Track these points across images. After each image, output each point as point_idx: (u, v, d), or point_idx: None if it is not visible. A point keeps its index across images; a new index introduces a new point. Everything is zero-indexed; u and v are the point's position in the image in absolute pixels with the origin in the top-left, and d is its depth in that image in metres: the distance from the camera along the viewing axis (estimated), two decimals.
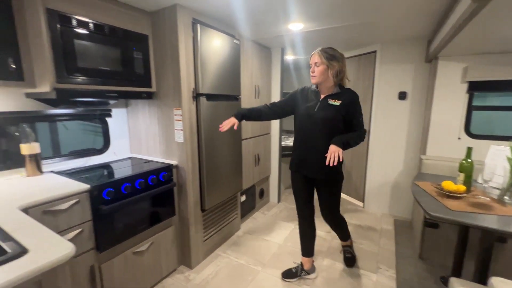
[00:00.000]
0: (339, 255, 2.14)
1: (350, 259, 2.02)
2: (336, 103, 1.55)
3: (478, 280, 1.31)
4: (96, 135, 2.00)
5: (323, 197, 1.75)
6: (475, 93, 2.19)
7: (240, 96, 2.32)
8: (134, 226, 1.58)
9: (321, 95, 1.61)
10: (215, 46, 1.92)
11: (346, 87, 1.61)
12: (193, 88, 1.81)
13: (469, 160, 1.58)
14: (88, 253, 1.35)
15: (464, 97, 2.20)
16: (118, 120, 2.06)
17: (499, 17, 1.28)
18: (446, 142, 2.29)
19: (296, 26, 2.12)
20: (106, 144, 2.02)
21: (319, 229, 2.51)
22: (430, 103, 2.35)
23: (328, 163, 1.46)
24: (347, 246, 2.08)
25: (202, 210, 1.99)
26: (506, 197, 1.42)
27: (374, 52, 2.78)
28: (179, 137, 1.81)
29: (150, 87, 1.81)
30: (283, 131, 3.49)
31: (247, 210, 2.77)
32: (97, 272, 1.40)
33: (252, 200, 2.87)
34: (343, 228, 1.97)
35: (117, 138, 2.07)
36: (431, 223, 1.98)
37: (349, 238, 2.06)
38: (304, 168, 1.69)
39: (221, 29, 1.99)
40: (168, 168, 1.78)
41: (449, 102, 2.25)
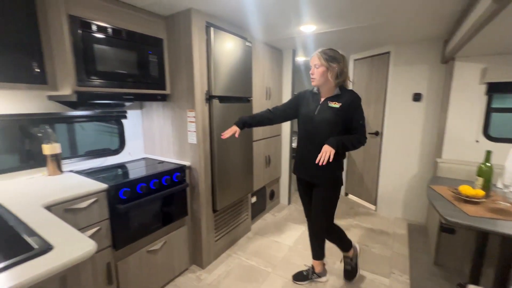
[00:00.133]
0: None
1: (349, 273, 1.87)
2: (336, 105, 1.50)
3: None
4: (112, 136, 2.07)
5: (315, 201, 1.66)
6: (495, 95, 2.12)
7: (251, 98, 2.34)
8: (148, 225, 1.62)
9: (322, 98, 1.58)
10: (228, 48, 1.95)
11: (349, 89, 1.56)
12: (206, 91, 1.84)
13: (488, 164, 1.54)
14: (105, 251, 1.39)
15: (483, 98, 2.13)
16: (133, 121, 2.12)
17: None
18: (463, 145, 2.23)
19: (308, 28, 2.12)
20: (121, 145, 2.08)
21: None
22: (446, 104, 2.29)
23: (318, 161, 1.42)
24: (347, 258, 1.87)
25: (214, 210, 2.01)
26: None
27: (388, 53, 2.74)
28: (192, 139, 1.84)
29: (165, 89, 1.86)
30: (294, 133, 3.48)
31: (257, 211, 2.78)
32: (113, 269, 1.44)
33: (263, 202, 2.88)
34: (340, 238, 1.80)
35: (132, 139, 2.12)
36: (447, 228, 1.92)
37: (350, 248, 1.86)
38: (303, 172, 1.68)
39: (233, 32, 2.01)
40: (181, 169, 1.81)
41: (467, 103, 2.19)
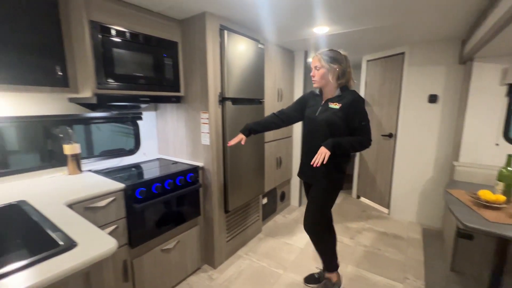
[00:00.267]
0: (362, 262, 2.08)
1: None
2: (336, 106, 1.47)
3: None
4: (127, 137, 2.13)
5: (309, 199, 1.64)
6: None
7: (263, 100, 2.35)
8: (162, 225, 1.65)
9: (324, 99, 1.57)
10: (241, 51, 1.96)
11: (351, 89, 1.53)
12: (220, 92, 1.86)
13: (509, 169, 1.48)
14: (122, 248, 1.44)
15: (503, 100, 2.06)
16: (148, 122, 2.17)
17: None
18: (481, 148, 2.15)
19: (321, 30, 2.11)
20: (136, 145, 2.13)
21: (342, 235, 2.47)
22: (464, 106, 2.23)
23: (312, 163, 1.41)
24: (328, 282, 1.71)
25: (226, 211, 2.03)
26: None
27: (402, 53, 2.69)
28: (205, 140, 1.87)
29: (179, 91, 1.89)
30: None
31: (268, 212, 2.78)
32: (129, 266, 1.48)
33: (274, 203, 2.88)
34: (327, 252, 1.68)
35: (146, 139, 2.18)
36: (465, 234, 1.87)
37: (334, 272, 1.72)
38: (303, 174, 1.68)
39: (246, 34, 2.03)
40: (195, 170, 1.84)
41: (486, 105, 2.12)
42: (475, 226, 1.20)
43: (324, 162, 1.40)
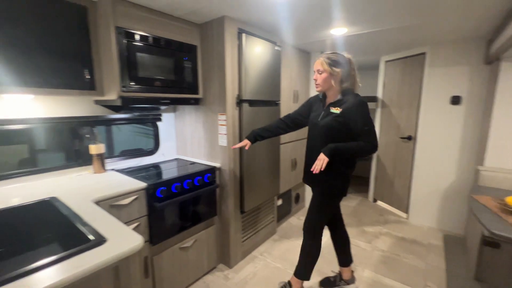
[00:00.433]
0: (380, 267, 2.04)
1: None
2: (337, 111, 1.44)
3: None
4: (147, 137, 2.20)
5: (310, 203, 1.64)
6: None
7: (279, 101, 2.36)
8: (181, 223, 1.69)
9: (326, 103, 1.54)
10: (258, 53, 1.99)
11: (354, 93, 1.47)
12: (237, 94, 1.89)
13: None
14: (143, 245, 1.48)
15: None
16: (167, 124, 2.23)
17: None
18: (509, 152, 2.05)
19: (339, 31, 2.09)
20: (156, 146, 2.20)
21: (358, 239, 2.43)
22: (490, 108, 2.13)
23: (312, 169, 1.41)
24: (288, 283, 1.69)
25: (242, 211, 2.05)
26: None
27: (423, 54, 2.61)
28: (222, 141, 1.90)
29: (197, 93, 1.94)
30: None
31: (283, 214, 2.78)
32: (149, 263, 1.53)
33: (288, 205, 2.87)
34: (304, 255, 1.65)
35: (165, 140, 2.24)
36: (491, 242, 1.78)
37: (300, 279, 1.66)
38: (305, 178, 1.67)
39: (263, 37, 2.05)
40: (212, 170, 1.88)
41: None
42: (503, 234, 1.15)
43: (322, 169, 1.38)
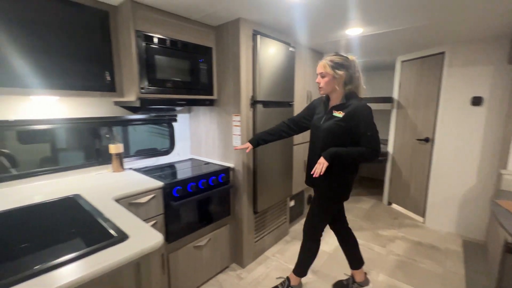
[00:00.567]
0: (396, 272, 1.99)
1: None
2: (339, 114, 1.42)
3: None
4: (163, 138, 2.25)
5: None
6: None
7: (293, 102, 2.35)
8: (195, 222, 1.72)
9: (329, 106, 1.52)
10: (272, 54, 1.99)
11: (358, 97, 1.45)
12: (251, 96, 1.90)
13: None
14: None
15: None
16: (182, 124, 2.28)
17: None
18: None
19: (354, 31, 2.07)
20: (171, 146, 2.25)
21: (373, 242, 2.39)
22: None
23: (312, 173, 1.40)
24: (287, 279, 1.71)
25: (255, 212, 2.06)
26: None
27: (442, 53, 2.53)
28: (236, 142, 1.92)
29: (212, 94, 1.97)
30: None
31: (295, 215, 2.77)
32: (165, 260, 1.57)
33: (300, 206, 2.86)
34: (303, 256, 1.67)
35: (180, 140, 2.29)
36: None
37: (299, 276, 1.69)
38: (307, 180, 1.66)
39: (278, 38, 2.05)
40: (226, 170, 1.90)
41: None
42: None
43: (321, 173, 1.37)
